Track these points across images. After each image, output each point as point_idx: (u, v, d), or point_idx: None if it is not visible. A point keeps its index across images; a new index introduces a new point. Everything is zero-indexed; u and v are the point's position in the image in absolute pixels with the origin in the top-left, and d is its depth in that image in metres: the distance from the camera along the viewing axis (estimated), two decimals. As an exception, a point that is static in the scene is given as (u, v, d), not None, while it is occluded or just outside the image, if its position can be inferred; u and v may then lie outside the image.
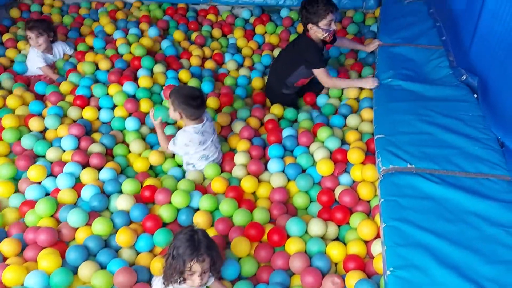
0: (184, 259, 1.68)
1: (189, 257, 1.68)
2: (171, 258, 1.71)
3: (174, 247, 1.71)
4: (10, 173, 2.44)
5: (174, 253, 1.70)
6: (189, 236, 1.72)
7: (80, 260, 1.99)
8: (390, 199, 1.95)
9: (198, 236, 1.74)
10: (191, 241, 1.71)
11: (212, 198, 2.32)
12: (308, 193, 2.44)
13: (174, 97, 2.41)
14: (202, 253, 1.69)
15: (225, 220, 2.23)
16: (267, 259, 2.08)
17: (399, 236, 1.76)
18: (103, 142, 2.68)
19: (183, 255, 1.68)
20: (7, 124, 2.70)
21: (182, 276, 1.70)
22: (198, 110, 2.42)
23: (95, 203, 2.25)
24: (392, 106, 2.57)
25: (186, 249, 1.68)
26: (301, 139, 2.69)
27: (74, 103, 2.92)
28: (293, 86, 3.09)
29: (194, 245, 1.69)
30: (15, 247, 2.05)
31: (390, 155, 2.16)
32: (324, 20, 2.77)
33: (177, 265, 1.69)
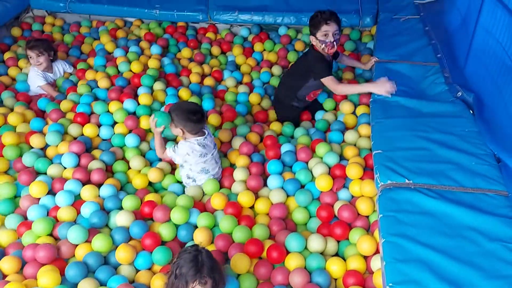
0: (187, 280, 1.67)
1: (192, 278, 1.67)
2: (173, 277, 1.71)
3: (178, 266, 1.71)
4: (10, 192, 2.45)
5: (177, 272, 1.70)
6: (193, 256, 1.72)
7: (80, 277, 1.98)
8: (388, 214, 1.96)
9: (202, 257, 1.73)
10: (194, 261, 1.70)
11: (210, 216, 2.32)
12: (308, 209, 2.44)
13: (174, 113, 2.43)
14: (204, 275, 1.69)
15: (224, 236, 2.23)
16: (266, 275, 2.08)
17: (398, 252, 1.77)
18: (103, 159, 2.70)
19: (186, 275, 1.68)
20: (7, 141, 2.72)
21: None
22: (199, 124, 2.44)
23: (95, 219, 2.26)
24: (389, 122, 2.59)
25: (189, 270, 1.68)
26: (300, 154, 2.71)
27: (74, 120, 2.95)
28: (304, 99, 3.12)
29: (197, 266, 1.69)
30: (15, 265, 2.04)
31: (388, 171, 2.18)
32: (320, 32, 2.81)
33: (179, 284, 1.69)
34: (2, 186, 2.44)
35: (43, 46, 3.38)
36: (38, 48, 3.34)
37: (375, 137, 2.48)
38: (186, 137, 2.49)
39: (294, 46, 3.99)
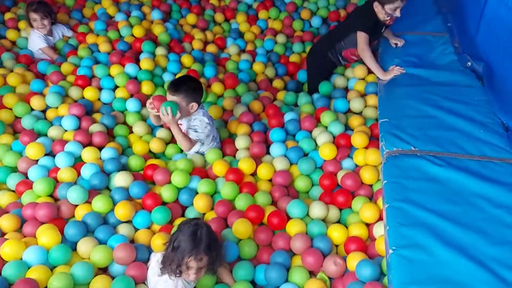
0: (183, 255, 1.68)
1: (188, 253, 1.67)
2: (170, 249, 1.71)
3: (176, 238, 1.71)
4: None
5: (175, 244, 1.70)
6: (192, 231, 1.70)
7: (79, 236, 1.97)
8: (393, 180, 1.93)
9: (202, 232, 1.71)
10: (193, 236, 1.69)
11: (210, 182, 2.29)
12: (310, 177, 2.41)
13: (185, 90, 2.30)
14: (200, 252, 1.68)
15: (225, 202, 2.20)
16: (266, 241, 2.06)
17: (402, 216, 1.75)
18: (104, 122, 2.66)
19: (182, 250, 1.68)
20: (9, 103, 2.67)
21: (178, 269, 1.70)
22: (203, 90, 2.44)
23: (95, 181, 2.23)
24: (396, 91, 2.54)
25: (186, 245, 1.68)
26: (303, 123, 2.66)
27: (75, 83, 2.89)
28: (340, 54, 3.02)
29: (195, 242, 1.68)
30: (14, 222, 2.03)
31: (394, 138, 2.14)
32: (391, 5, 2.72)
33: (175, 257, 1.69)
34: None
35: (47, 8, 3.32)
36: (42, 11, 3.28)
37: (381, 106, 2.44)
38: (196, 111, 2.40)
39: (300, 15, 3.90)
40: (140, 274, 1.86)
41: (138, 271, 1.87)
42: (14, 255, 1.84)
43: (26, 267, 1.81)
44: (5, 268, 1.79)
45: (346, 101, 2.80)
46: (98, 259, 1.88)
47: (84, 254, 1.93)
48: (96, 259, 1.88)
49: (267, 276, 1.90)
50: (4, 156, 2.38)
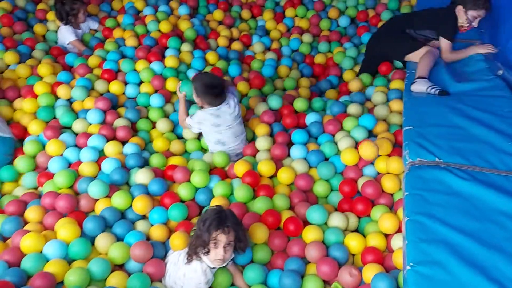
0: (210, 230, 1.74)
1: (215, 228, 1.74)
2: (198, 231, 1.78)
3: (202, 220, 1.78)
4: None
5: (201, 225, 1.76)
6: (217, 210, 1.80)
7: (98, 230, 2.00)
8: (415, 192, 1.88)
9: (226, 212, 1.81)
10: (218, 214, 1.77)
11: (227, 185, 2.28)
12: (329, 182, 2.38)
13: (196, 84, 2.48)
14: (228, 225, 1.75)
15: (239, 205, 2.19)
16: (281, 247, 2.04)
17: (422, 231, 1.70)
18: (128, 117, 2.69)
19: (209, 226, 1.74)
20: (39, 90, 2.73)
21: (207, 247, 1.75)
22: (217, 98, 2.47)
23: (116, 176, 2.26)
24: (422, 98, 2.48)
25: (212, 221, 1.75)
26: (327, 127, 2.62)
27: (101, 76, 2.93)
28: (414, 34, 2.98)
29: (220, 218, 1.76)
30: (37, 213, 2.08)
31: (418, 148, 2.08)
32: (475, 12, 2.70)
33: (202, 236, 1.75)
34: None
35: (82, 1, 3.41)
36: (83, 4, 3.38)
37: (406, 113, 2.38)
38: (204, 107, 2.52)
39: (327, 13, 3.84)
40: (157, 271, 1.89)
41: (155, 268, 1.89)
42: (34, 248, 1.89)
43: (45, 260, 1.85)
44: (24, 260, 1.83)
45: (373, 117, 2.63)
46: (116, 256, 1.91)
47: (102, 249, 1.96)
48: (114, 255, 1.91)
49: (282, 282, 1.88)
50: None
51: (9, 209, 2.13)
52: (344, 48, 3.55)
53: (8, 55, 2.98)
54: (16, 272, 1.76)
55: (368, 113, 2.67)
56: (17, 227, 2.01)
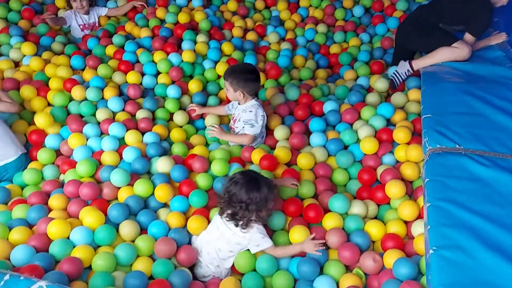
0: (267, 198, 1.86)
1: (271, 197, 1.88)
2: (254, 207, 1.84)
3: (250, 197, 1.83)
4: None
5: (249, 199, 1.83)
6: (252, 179, 1.87)
7: (122, 217, 2.04)
8: (436, 179, 1.89)
9: (257, 176, 1.92)
10: (255, 179, 1.87)
11: None
12: (348, 170, 2.39)
13: (233, 77, 2.42)
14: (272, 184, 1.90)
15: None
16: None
17: (444, 216, 1.71)
18: (147, 106, 2.72)
19: (265, 199, 1.85)
20: (54, 86, 2.74)
21: (260, 212, 1.87)
22: (258, 83, 2.47)
23: (137, 165, 2.29)
24: (441, 86, 2.47)
25: (265, 193, 1.85)
26: (345, 116, 2.63)
27: (118, 68, 2.95)
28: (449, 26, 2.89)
29: (267, 182, 1.88)
30: (61, 201, 2.12)
31: (438, 135, 2.09)
32: None
33: (260, 205, 1.85)
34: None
35: None
36: None
37: (425, 101, 2.38)
38: (247, 100, 2.48)
39: (342, 3, 3.83)
40: (189, 257, 1.94)
41: (187, 255, 1.94)
42: (60, 234, 1.92)
43: (72, 246, 1.89)
44: (51, 246, 1.87)
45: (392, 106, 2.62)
46: (142, 247, 1.94)
47: (126, 236, 1.99)
48: (140, 247, 1.94)
49: (300, 269, 1.90)
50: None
51: (31, 199, 2.16)
52: (360, 39, 3.55)
53: (25, 46, 2.99)
54: (44, 257, 1.80)
55: (386, 102, 2.67)
56: (42, 215, 2.04)
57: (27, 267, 1.71)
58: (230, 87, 2.44)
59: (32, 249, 1.85)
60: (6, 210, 2.10)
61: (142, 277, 1.79)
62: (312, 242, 1.90)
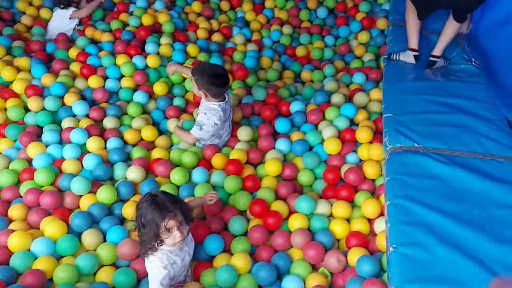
0: (157, 222, 1.63)
1: (160, 217, 1.63)
2: (142, 228, 1.66)
3: (141, 216, 1.66)
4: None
5: (143, 221, 1.65)
6: (151, 201, 1.66)
7: (85, 226, 2.00)
8: (395, 177, 1.94)
9: (160, 197, 1.68)
10: (155, 203, 1.64)
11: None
12: (314, 171, 2.42)
13: (198, 76, 2.40)
14: (171, 210, 1.65)
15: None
16: (262, 240, 2.06)
17: (403, 214, 1.76)
18: (111, 113, 2.68)
19: (153, 219, 1.63)
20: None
21: (159, 239, 1.66)
22: (222, 88, 2.41)
23: (99, 172, 2.25)
24: (401, 85, 2.53)
25: (154, 213, 1.63)
26: (310, 116, 2.66)
27: (80, 72, 2.89)
28: None
29: (159, 206, 1.64)
30: (21, 211, 2.07)
31: (398, 134, 2.14)
32: None
33: (150, 231, 1.63)
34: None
35: None
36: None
37: (386, 100, 2.43)
38: (209, 100, 2.44)
39: (306, 4, 3.86)
40: (143, 268, 1.86)
41: (142, 266, 1.86)
42: (21, 246, 1.87)
43: (33, 257, 1.84)
44: (12, 258, 1.82)
45: (354, 106, 2.67)
46: (104, 256, 1.90)
47: (89, 245, 1.96)
48: (102, 256, 1.90)
49: (258, 275, 1.89)
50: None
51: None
52: (324, 42, 3.59)
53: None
54: (5, 271, 1.75)
55: (349, 102, 2.72)
56: (2, 227, 1.99)
57: (-14, 281, 1.66)
58: (195, 84, 2.44)
59: (-9, 262, 1.80)
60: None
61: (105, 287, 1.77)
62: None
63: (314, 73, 3.24)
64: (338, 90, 2.93)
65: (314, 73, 3.24)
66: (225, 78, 2.41)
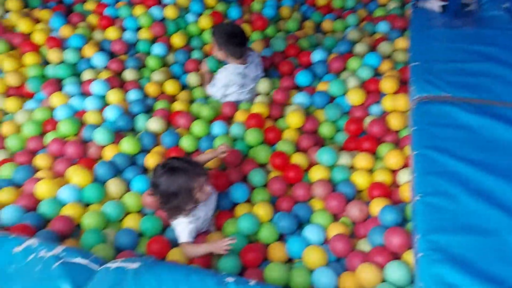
0: (188, 185, 1.68)
1: (190, 180, 1.67)
2: (174, 198, 1.69)
3: (168, 187, 1.68)
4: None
5: (173, 190, 1.68)
6: (170, 170, 1.69)
7: (109, 175, 2.03)
8: (422, 127, 1.89)
9: (175, 163, 1.71)
10: (177, 170, 1.68)
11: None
12: (335, 123, 2.38)
13: (218, 36, 2.43)
14: (193, 168, 1.71)
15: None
16: (282, 191, 2.05)
17: (430, 164, 1.73)
18: (129, 65, 2.65)
19: (184, 184, 1.67)
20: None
21: (194, 199, 1.71)
22: (240, 47, 2.41)
23: (121, 123, 2.27)
24: (429, 33, 2.43)
25: (181, 179, 1.67)
26: (332, 65, 2.59)
27: (99, 24, 2.85)
28: None
29: (183, 170, 1.68)
30: (47, 160, 2.12)
31: (425, 83, 2.07)
32: None
33: (184, 196, 1.68)
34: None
35: None
36: None
37: (413, 48, 2.34)
38: (229, 61, 2.45)
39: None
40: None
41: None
42: (48, 193, 1.92)
43: (60, 205, 1.89)
44: (40, 205, 1.87)
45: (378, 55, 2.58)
46: (129, 204, 1.95)
47: (114, 193, 1.99)
48: (128, 204, 1.95)
49: (279, 224, 1.91)
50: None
51: (18, 159, 2.15)
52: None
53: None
54: (34, 217, 1.80)
55: (373, 52, 2.63)
56: (28, 175, 2.03)
57: (17, 226, 1.72)
58: (215, 44, 2.45)
59: (21, 208, 1.84)
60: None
61: (132, 234, 1.81)
62: (219, 242, 1.69)
63: (336, 23, 3.11)
64: (361, 40, 2.83)
65: (336, 22, 3.11)
66: (243, 37, 2.42)
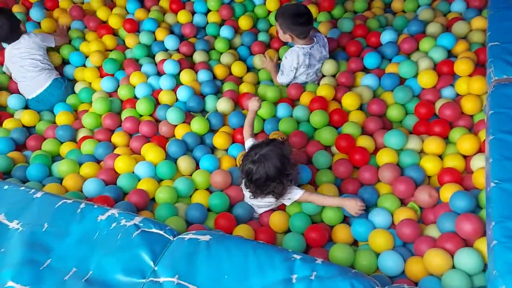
0: (285, 156, 1.75)
1: (288, 149, 1.78)
2: (292, 168, 1.77)
3: (282, 164, 1.73)
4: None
5: (289, 165, 1.76)
6: (280, 147, 1.76)
7: (180, 153, 2.15)
8: (500, 111, 1.79)
9: (260, 150, 1.75)
10: (271, 146, 1.75)
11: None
12: (405, 106, 2.31)
13: (281, 19, 2.39)
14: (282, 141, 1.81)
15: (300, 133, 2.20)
16: (347, 174, 2.05)
17: (507, 149, 1.64)
18: (199, 47, 2.75)
19: (287, 155, 1.76)
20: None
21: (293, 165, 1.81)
22: (307, 27, 2.38)
23: (192, 103, 2.37)
24: (509, 12, 2.26)
25: (283, 154, 1.75)
26: (403, 45, 2.51)
27: (170, 7, 2.97)
28: None
29: (277, 147, 1.75)
30: (123, 138, 2.28)
31: (505, 64, 1.95)
32: None
33: (294, 167, 1.80)
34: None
35: None
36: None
37: (492, 28, 2.20)
38: (296, 43, 2.43)
39: None
40: (236, 195, 2.00)
41: (234, 192, 2.00)
42: (126, 169, 2.07)
43: (137, 179, 2.03)
44: (119, 179, 2.02)
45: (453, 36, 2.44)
46: (199, 182, 2.04)
47: (185, 170, 2.10)
48: (197, 181, 2.04)
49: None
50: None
51: (98, 136, 2.32)
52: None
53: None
54: (113, 190, 1.95)
55: (447, 32, 2.51)
56: (108, 151, 2.20)
57: (99, 197, 1.86)
58: (279, 29, 2.43)
59: (101, 182, 2.00)
60: (75, 149, 2.26)
61: (202, 209, 1.90)
62: (355, 203, 1.79)
63: (407, 2, 2.97)
64: (434, 20, 2.70)
65: (407, 2, 2.97)
66: (308, 16, 2.37)
